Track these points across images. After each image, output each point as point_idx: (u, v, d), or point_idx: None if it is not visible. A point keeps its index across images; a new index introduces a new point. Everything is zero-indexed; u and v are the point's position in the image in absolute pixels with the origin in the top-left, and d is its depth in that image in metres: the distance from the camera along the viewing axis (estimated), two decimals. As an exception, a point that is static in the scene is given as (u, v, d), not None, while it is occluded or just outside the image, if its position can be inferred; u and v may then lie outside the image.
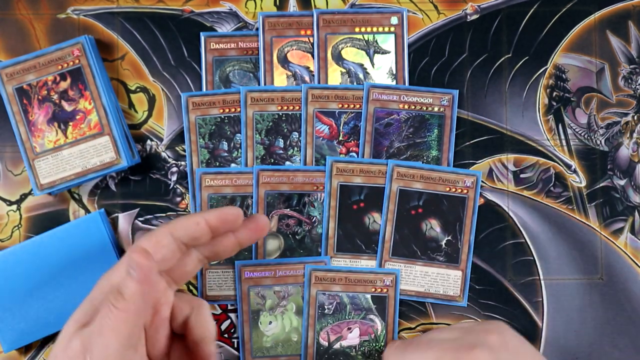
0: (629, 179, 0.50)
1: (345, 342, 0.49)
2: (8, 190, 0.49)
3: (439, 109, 0.49)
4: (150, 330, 0.39)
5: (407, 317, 0.50)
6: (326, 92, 0.49)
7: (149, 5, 0.50)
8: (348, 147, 0.49)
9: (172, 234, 0.38)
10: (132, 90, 0.50)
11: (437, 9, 0.50)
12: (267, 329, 0.49)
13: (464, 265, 0.49)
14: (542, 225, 0.50)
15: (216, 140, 0.49)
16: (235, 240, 0.41)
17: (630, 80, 0.50)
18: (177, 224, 0.38)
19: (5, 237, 0.49)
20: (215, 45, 0.49)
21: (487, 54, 0.50)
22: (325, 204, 0.49)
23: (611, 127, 0.50)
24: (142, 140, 0.50)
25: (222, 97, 0.49)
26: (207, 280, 0.49)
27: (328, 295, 0.49)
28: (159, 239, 0.38)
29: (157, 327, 0.40)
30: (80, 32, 0.50)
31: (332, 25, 0.49)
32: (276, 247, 0.49)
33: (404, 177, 0.49)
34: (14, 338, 0.47)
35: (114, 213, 0.50)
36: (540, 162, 0.50)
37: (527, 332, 0.50)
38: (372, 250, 0.49)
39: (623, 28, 0.50)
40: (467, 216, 0.49)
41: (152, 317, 0.39)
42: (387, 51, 0.50)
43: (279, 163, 0.49)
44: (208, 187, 0.49)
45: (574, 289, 0.50)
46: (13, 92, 0.48)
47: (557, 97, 0.50)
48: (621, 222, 0.50)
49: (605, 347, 0.49)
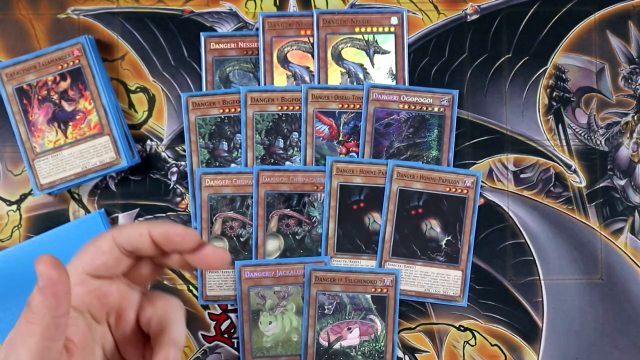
0: (629, 179, 0.50)
1: (345, 342, 0.49)
2: (8, 190, 0.49)
3: (439, 109, 0.49)
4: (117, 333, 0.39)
5: (407, 317, 0.50)
6: (326, 92, 0.49)
7: (149, 5, 0.50)
8: (348, 147, 0.49)
9: (115, 240, 0.37)
10: (132, 90, 0.50)
11: (437, 9, 0.50)
12: (267, 329, 0.49)
13: (464, 265, 0.49)
14: (542, 225, 0.50)
15: (216, 140, 0.49)
16: (182, 260, 0.39)
17: (630, 80, 0.50)
18: (123, 230, 0.37)
19: (5, 237, 0.49)
20: (215, 45, 0.49)
21: (487, 54, 0.50)
22: (325, 204, 0.49)
23: (611, 127, 0.50)
24: (142, 140, 0.50)
25: (222, 97, 0.49)
26: (207, 280, 0.49)
27: (328, 295, 0.49)
28: (100, 245, 0.36)
29: (123, 330, 0.39)
30: (80, 32, 0.50)
31: (332, 25, 0.49)
32: (276, 247, 0.49)
33: (404, 177, 0.49)
34: (14, 338, 0.47)
35: (114, 213, 0.50)
36: (540, 162, 0.50)
37: (527, 332, 0.50)
38: (372, 250, 0.49)
39: (623, 28, 0.50)
40: (467, 216, 0.49)
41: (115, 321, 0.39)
42: (387, 51, 0.50)
43: (279, 163, 0.49)
44: (208, 187, 0.49)
45: (574, 289, 0.50)
46: (13, 92, 0.48)
47: (557, 97, 0.50)
48: (621, 222, 0.50)
49: (605, 347, 0.49)
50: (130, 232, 0.37)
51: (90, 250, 0.37)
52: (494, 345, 0.50)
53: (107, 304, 0.38)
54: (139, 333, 0.40)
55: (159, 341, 0.38)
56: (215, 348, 0.50)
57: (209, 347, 0.50)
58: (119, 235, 0.37)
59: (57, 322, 0.33)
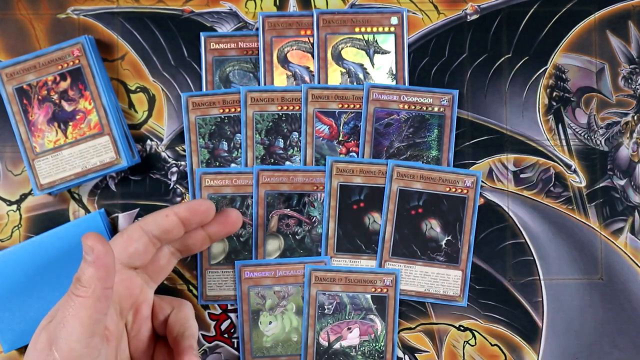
0: (629, 179, 0.50)
1: (345, 342, 0.49)
2: (8, 190, 0.49)
3: (439, 109, 0.49)
4: (132, 331, 0.40)
5: (407, 317, 0.50)
6: (326, 92, 0.49)
7: (149, 5, 0.50)
8: (348, 147, 0.49)
9: (143, 228, 0.38)
10: (132, 90, 0.50)
11: (437, 9, 0.50)
12: (267, 329, 0.49)
13: (464, 265, 0.49)
14: (542, 225, 0.50)
15: (216, 140, 0.49)
16: (205, 235, 0.41)
17: (630, 80, 0.50)
18: (148, 218, 0.39)
19: (5, 237, 0.49)
20: (215, 45, 0.49)
21: (487, 54, 0.50)
22: (325, 204, 0.49)
23: (611, 127, 0.50)
24: (142, 140, 0.50)
25: (222, 97, 0.49)
26: (207, 280, 0.49)
27: (328, 295, 0.49)
28: (130, 234, 0.38)
29: (138, 327, 0.40)
30: (80, 32, 0.50)
31: (332, 25, 0.49)
32: (276, 247, 0.49)
33: (404, 177, 0.49)
34: (14, 338, 0.47)
35: (114, 213, 0.50)
36: (540, 162, 0.50)
37: (527, 332, 0.50)
38: (372, 250, 0.49)
39: (623, 28, 0.50)
40: (467, 216, 0.49)
41: (133, 317, 0.40)
42: (387, 51, 0.50)
43: (279, 163, 0.49)
44: (208, 187, 0.49)
45: (574, 289, 0.50)
46: (13, 92, 0.48)
47: (557, 97, 0.50)
48: (621, 222, 0.50)
49: (605, 347, 0.49)
50: (156, 218, 0.39)
51: (120, 241, 0.38)
52: (494, 345, 0.50)
53: (133, 296, 0.39)
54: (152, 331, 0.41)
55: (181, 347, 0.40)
56: (215, 348, 0.50)
57: (209, 347, 0.50)
58: (146, 223, 0.39)
59: (106, 293, 0.35)
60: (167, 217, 0.39)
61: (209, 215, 0.40)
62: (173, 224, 0.39)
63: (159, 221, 0.39)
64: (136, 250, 0.38)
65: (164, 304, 0.42)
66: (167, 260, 0.42)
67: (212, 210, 0.40)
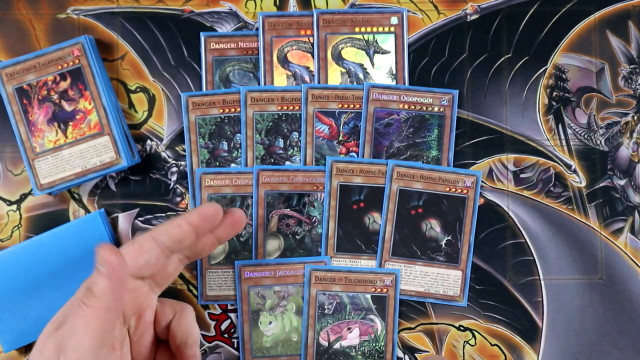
0: (629, 179, 0.50)
1: (345, 342, 0.49)
2: (8, 190, 0.49)
3: (439, 109, 0.49)
4: (134, 335, 0.40)
5: (407, 317, 0.50)
6: (326, 92, 0.49)
7: (149, 5, 0.50)
8: (348, 147, 0.49)
9: (155, 239, 0.38)
10: (132, 90, 0.50)
11: (437, 9, 0.50)
12: (267, 329, 0.49)
13: (464, 265, 0.49)
14: (542, 225, 0.50)
15: (216, 140, 0.49)
16: (213, 238, 0.41)
17: (630, 80, 0.50)
18: (160, 228, 0.39)
19: (5, 237, 0.49)
20: (215, 45, 0.49)
21: (487, 54, 0.50)
22: (325, 204, 0.49)
23: (611, 127, 0.50)
24: (142, 140, 0.50)
25: (222, 97, 0.49)
26: (207, 280, 0.49)
27: (328, 295, 0.49)
28: (142, 244, 0.38)
29: (141, 332, 0.40)
30: (80, 32, 0.50)
31: (332, 25, 0.49)
32: (276, 247, 0.49)
33: (404, 177, 0.49)
34: (14, 338, 0.47)
35: (114, 213, 0.50)
36: (540, 162, 0.50)
37: (527, 332, 0.50)
38: (372, 250, 0.49)
39: (623, 28, 0.50)
40: (467, 216, 0.49)
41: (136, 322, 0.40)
42: (387, 51, 0.50)
43: (279, 163, 0.49)
44: (208, 187, 0.49)
45: (574, 289, 0.50)
46: (13, 92, 0.48)
47: (557, 97, 0.50)
48: (621, 222, 0.50)
49: (605, 347, 0.49)
50: (168, 229, 0.39)
51: (131, 250, 0.38)
52: (494, 345, 0.50)
53: (138, 304, 0.39)
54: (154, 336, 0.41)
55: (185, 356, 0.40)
56: (215, 348, 0.50)
57: (209, 347, 0.50)
58: (158, 234, 0.38)
59: (117, 304, 0.35)
60: (179, 227, 0.39)
61: (218, 217, 0.40)
62: (186, 233, 0.39)
63: (170, 232, 0.39)
64: (147, 262, 0.38)
65: (166, 308, 0.41)
66: (175, 267, 0.41)
67: (220, 212, 0.40)
